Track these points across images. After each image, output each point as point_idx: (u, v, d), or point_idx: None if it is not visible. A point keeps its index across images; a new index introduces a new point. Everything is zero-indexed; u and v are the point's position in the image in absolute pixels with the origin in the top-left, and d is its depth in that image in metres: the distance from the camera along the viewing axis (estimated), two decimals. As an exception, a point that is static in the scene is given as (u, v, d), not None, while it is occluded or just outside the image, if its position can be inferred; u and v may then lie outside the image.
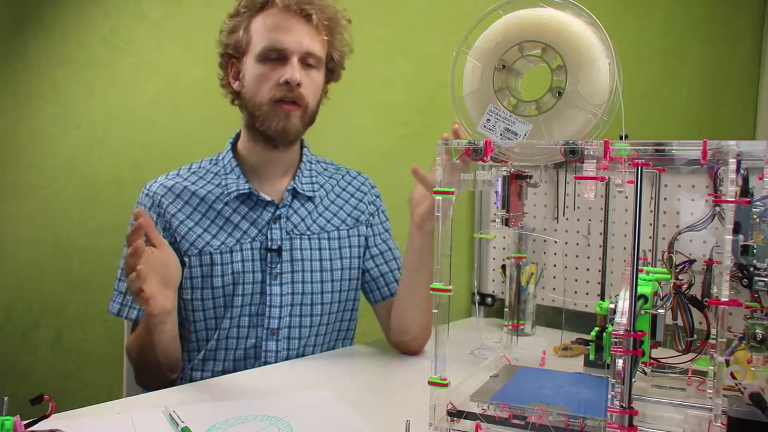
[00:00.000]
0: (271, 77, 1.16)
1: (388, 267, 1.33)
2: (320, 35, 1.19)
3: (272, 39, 1.15)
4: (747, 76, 1.77)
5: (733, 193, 0.66)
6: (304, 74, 1.17)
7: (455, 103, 0.83)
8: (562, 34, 0.77)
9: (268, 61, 1.17)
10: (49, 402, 0.80)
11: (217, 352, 1.21)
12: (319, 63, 1.21)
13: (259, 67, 1.17)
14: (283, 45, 1.15)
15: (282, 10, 1.16)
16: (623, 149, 0.71)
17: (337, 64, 1.26)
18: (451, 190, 0.78)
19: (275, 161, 1.25)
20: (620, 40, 0.80)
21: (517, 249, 1.07)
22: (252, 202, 1.23)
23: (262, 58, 1.17)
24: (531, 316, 1.47)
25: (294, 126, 1.19)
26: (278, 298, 1.21)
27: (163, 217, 1.21)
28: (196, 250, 1.19)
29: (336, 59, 1.25)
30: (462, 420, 0.80)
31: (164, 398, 0.98)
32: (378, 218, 1.36)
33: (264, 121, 1.18)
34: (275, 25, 1.16)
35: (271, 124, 1.18)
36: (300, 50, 1.16)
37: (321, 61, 1.22)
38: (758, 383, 0.71)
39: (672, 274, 0.88)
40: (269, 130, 1.18)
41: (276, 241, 1.22)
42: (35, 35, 1.52)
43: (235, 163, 1.25)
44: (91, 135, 1.56)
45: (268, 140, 1.21)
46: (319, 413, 0.94)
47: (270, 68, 1.17)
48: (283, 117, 1.17)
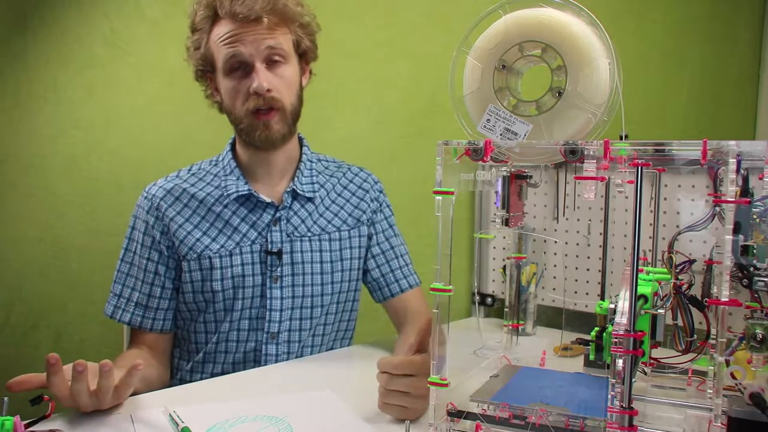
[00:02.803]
0: (240, 89, 1.16)
1: (389, 266, 1.33)
2: (276, 31, 1.16)
3: (229, 51, 1.14)
4: (747, 76, 1.77)
5: (733, 193, 0.65)
6: (272, 76, 1.15)
7: (455, 103, 0.83)
8: (562, 34, 0.77)
9: (234, 73, 1.16)
10: (49, 402, 0.80)
11: (217, 354, 1.21)
12: (285, 56, 1.18)
13: (228, 81, 1.17)
14: (242, 56, 1.14)
15: (230, 21, 1.13)
16: (623, 149, 0.71)
17: (308, 47, 1.23)
18: (451, 190, 0.78)
19: (272, 162, 1.24)
20: (620, 40, 0.80)
21: (517, 249, 1.07)
22: (251, 204, 1.22)
23: (228, 72, 1.16)
24: (532, 316, 1.47)
25: (276, 132, 1.18)
26: (278, 301, 1.20)
27: (161, 220, 1.21)
28: (195, 254, 1.19)
29: (305, 44, 1.22)
30: (462, 420, 0.81)
31: (164, 398, 0.98)
32: (381, 214, 1.35)
33: (248, 133, 1.18)
34: (228, 36, 1.14)
35: (254, 136, 1.18)
36: (260, 54, 1.14)
37: (287, 53, 1.18)
38: (758, 383, 0.71)
39: (672, 274, 0.88)
40: (253, 141, 1.19)
41: (276, 243, 1.21)
42: (35, 35, 1.52)
43: (235, 164, 1.25)
44: (90, 135, 1.56)
45: (258, 147, 1.21)
46: (319, 413, 0.94)
47: (237, 80, 1.16)
48: (263, 127, 1.17)
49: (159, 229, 1.20)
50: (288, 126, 1.20)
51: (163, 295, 1.21)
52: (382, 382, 0.89)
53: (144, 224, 1.21)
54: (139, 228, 1.22)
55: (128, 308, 1.20)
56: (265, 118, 1.16)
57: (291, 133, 1.23)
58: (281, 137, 1.20)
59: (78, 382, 0.84)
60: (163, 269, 1.20)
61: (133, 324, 1.20)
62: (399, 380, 0.87)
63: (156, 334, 1.21)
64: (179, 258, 1.20)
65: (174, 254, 1.20)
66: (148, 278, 1.20)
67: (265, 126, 1.17)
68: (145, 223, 1.21)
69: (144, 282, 1.20)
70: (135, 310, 1.20)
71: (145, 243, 1.21)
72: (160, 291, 1.20)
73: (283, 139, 1.20)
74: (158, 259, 1.20)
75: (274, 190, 1.25)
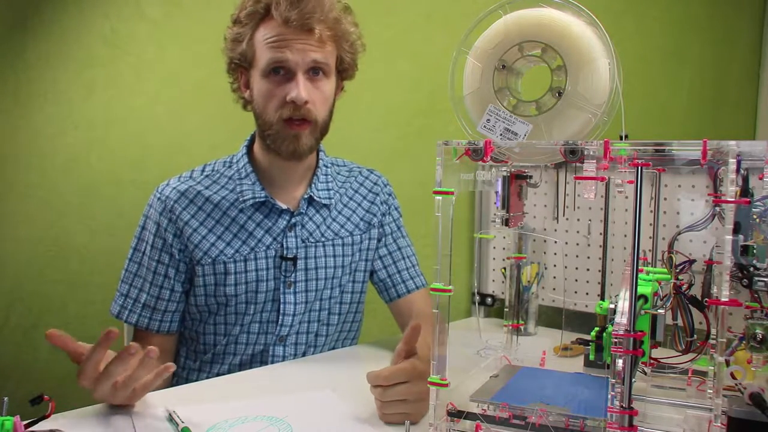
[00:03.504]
0: (277, 94, 1.13)
1: (396, 267, 1.33)
2: (325, 45, 1.14)
3: (275, 55, 1.11)
4: (747, 76, 1.77)
5: (733, 193, 0.65)
6: (311, 88, 1.14)
7: (455, 103, 0.83)
8: (562, 34, 0.77)
9: (273, 77, 1.13)
10: (49, 402, 0.80)
11: (225, 356, 1.21)
12: (328, 70, 1.17)
13: (265, 83, 1.14)
14: (287, 61, 1.11)
15: (282, 24, 1.11)
16: (623, 149, 0.71)
17: (349, 65, 1.22)
18: (451, 190, 0.78)
19: (292, 171, 1.23)
20: (620, 40, 0.80)
21: (517, 249, 1.07)
22: (267, 209, 1.21)
23: (267, 73, 1.13)
24: (534, 315, 1.48)
25: (304, 145, 1.16)
26: (292, 306, 1.20)
27: (175, 224, 1.19)
28: (210, 259, 1.18)
29: (347, 61, 1.21)
30: (462, 420, 0.80)
31: (164, 398, 0.98)
32: (390, 216, 1.35)
33: (275, 140, 1.16)
34: (277, 39, 1.11)
35: (282, 145, 1.16)
36: (305, 64, 1.12)
37: (330, 68, 1.17)
38: (758, 383, 0.71)
39: (672, 274, 0.88)
40: (280, 150, 1.17)
41: (291, 249, 1.20)
42: (35, 35, 1.52)
43: (251, 168, 1.22)
44: (90, 135, 1.56)
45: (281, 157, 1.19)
46: (319, 413, 0.94)
47: (275, 84, 1.13)
48: (293, 138, 1.15)
49: (172, 232, 1.19)
50: (316, 140, 1.19)
51: (171, 298, 1.20)
52: (377, 395, 0.89)
53: (156, 226, 1.20)
54: (150, 229, 1.21)
55: (135, 309, 1.19)
56: (297, 130, 1.14)
57: (317, 147, 1.22)
58: (308, 150, 1.18)
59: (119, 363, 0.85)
60: (173, 272, 1.19)
61: (140, 325, 1.20)
62: (393, 390, 0.88)
63: (162, 335, 1.21)
64: (192, 262, 1.19)
65: (186, 258, 1.20)
66: (157, 281, 1.19)
67: (296, 137, 1.15)
68: (156, 225, 1.20)
69: (153, 284, 1.19)
70: (142, 311, 1.19)
71: (156, 245, 1.20)
72: (168, 294, 1.20)
73: (309, 151, 1.19)
74: (168, 261, 1.19)
75: (290, 196, 1.24)
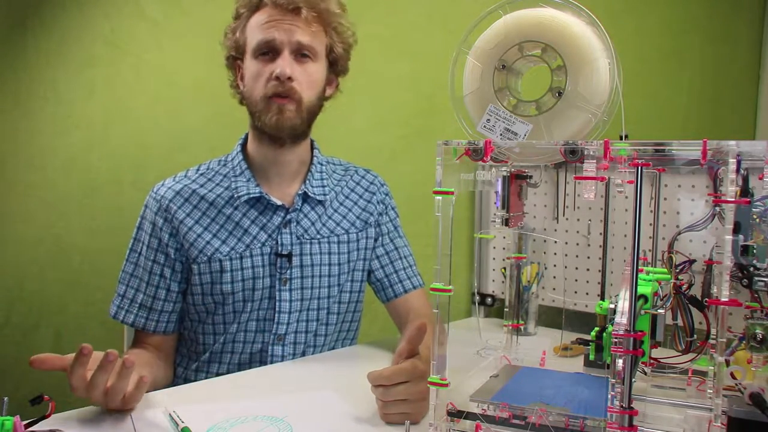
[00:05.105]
0: (264, 72, 1.16)
1: (393, 267, 1.33)
2: (310, 27, 1.17)
3: (263, 36, 1.15)
4: (747, 76, 1.77)
5: (733, 193, 0.65)
6: (297, 67, 1.16)
7: (455, 103, 0.83)
8: (562, 34, 0.77)
9: (261, 57, 1.17)
10: (49, 402, 0.80)
11: (223, 355, 1.21)
12: (315, 55, 1.19)
13: (254, 64, 1.17)
14: (273, 41, 1.15)
15: (273, 7, 1.16)
16: (623, 149, 0.71)
17: (339, 56, 1.24)
18: (451, 190, 0.78)
19: (283, 161, 1.23)
20: (620, 40, 0.80)
21: (517, 249, 1.07)
22: (262, 206, 1.22)
23: (256, 54, 1.17)
24: (533, 315, 1.48)
25: (288, 119, 1.17)
26: (287, 303, 1.20)
27: (171, 223, 1.19)
28: (205, 257, 1.18)
29: (337, 51, 1.23)
30: (462, 420, 0.80)
31: (164, 398, 0.98)
32: (387, 216, 1.35)
33: (260, 116, 1.18)
34: (266, 21, 1.16)
35: (266, 118, 1.17)
36: (291, 43, 1.15)
37: (318, 53, 1.19)
38: (758, 383, 0.71)
39: (672, 274, 0.88)
40: (264, 125, 1.18)
41: (286, 246, 1.21)
42: (35, 35, 1.52)
43: (245, 165, 1.23)
44: (90, 135, 1.56)
45: (270, 138, 1.20)
46: (319, 413, 0.94)
47: (263, 64, 1.16)
48: (276, 111, 1.16)
49: (168, 231, 1.19)
50: (301, 119, 1.19)
51: (168, 298, 1.20)
52: (378, 395, 0.89)
53: (151, 226, 1.21)
54: (146, 229, 1.21)
55: (132, 309, 1.19)
56: (280, 102, 1.16)
57: (304, 131, 1.22)
58: (291, 126, 1.18)
59: (102, 372, 0.86)
60: (169, 272, 1.20)
61: (137, 325, 1.20)
62: (395, 390, 0.88)
63: (160, 335, 1.21)
64: (188, 261, 1.19)
65: (182, 257, 1.20)
66: (153, 280, 1.20)
67: (279, 110, 1.16)
68: (152, 225, 1.21)
69: (149, 284, 1.20)
70: (139, 311, 1.19)
71: (152, 245, 1.20)
72: (165, 293, 1.20)
73: (293, 129, 1.19)
74: (164, 261, 1.19)
75: (284, 193, 1.24)
